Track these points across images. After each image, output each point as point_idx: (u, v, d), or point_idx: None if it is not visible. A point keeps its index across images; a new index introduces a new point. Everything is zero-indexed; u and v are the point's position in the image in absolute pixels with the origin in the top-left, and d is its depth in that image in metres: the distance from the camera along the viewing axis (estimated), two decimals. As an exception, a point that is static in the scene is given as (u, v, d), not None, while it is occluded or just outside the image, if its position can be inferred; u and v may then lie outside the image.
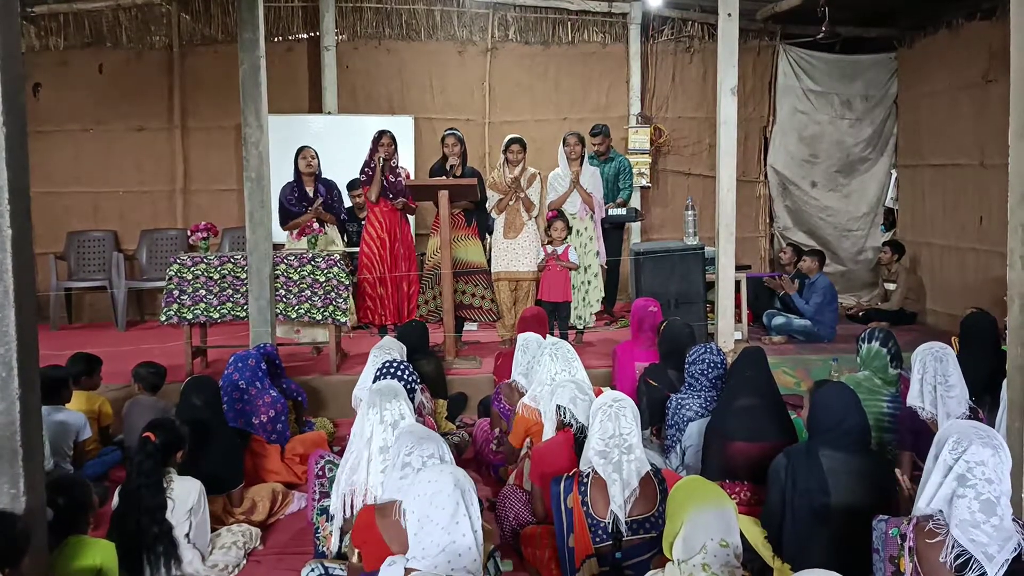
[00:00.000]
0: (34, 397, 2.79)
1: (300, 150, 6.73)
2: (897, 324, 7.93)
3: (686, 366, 4.36)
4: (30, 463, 2.75)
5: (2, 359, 2.68)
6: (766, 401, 3.91)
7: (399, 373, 4.02)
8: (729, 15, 5.91)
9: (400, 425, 3.40)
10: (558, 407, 3.67)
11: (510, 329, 7.00)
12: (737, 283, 6.41)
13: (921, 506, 2.52)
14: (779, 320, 7.31)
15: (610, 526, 3.02)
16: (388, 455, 3.32)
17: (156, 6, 8.98)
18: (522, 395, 4.63)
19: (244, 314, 6.09)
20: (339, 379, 6.15)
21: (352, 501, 3.39)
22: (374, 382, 4.03)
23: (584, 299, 7.07)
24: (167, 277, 6.22)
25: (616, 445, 3.06)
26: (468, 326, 7.41)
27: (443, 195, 6.35)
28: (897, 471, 3.72)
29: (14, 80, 2.73)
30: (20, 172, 2.74)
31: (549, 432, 3.73)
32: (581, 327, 7.13)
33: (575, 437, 3.60)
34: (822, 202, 9.43)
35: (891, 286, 8.44)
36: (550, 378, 4.08)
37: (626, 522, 3.01)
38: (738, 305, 6.61)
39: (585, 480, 3.11)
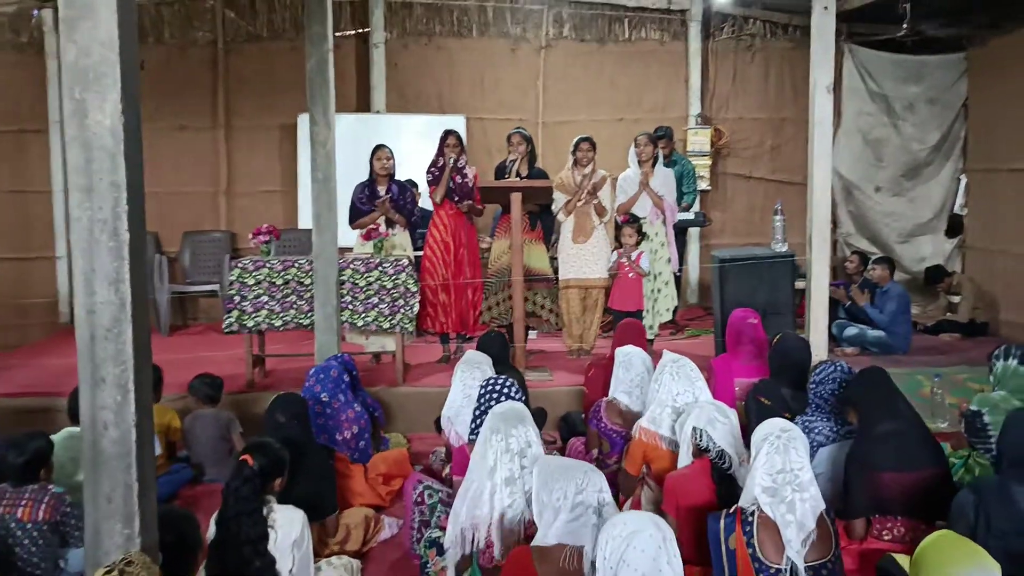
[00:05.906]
0: (149, 424, 2.47)
1: (375, 149, 6.38)
2: (971, 336, 7.62)
3: (811, 386, 4.02)
4: (145, 499, 2.43)
5: (118, 381, 2.35)
6: (909, 425, 3.57)
7: (507, 392, 3.67)
8: (825, 8, 5.55)
9: (527, 453, 3.09)
10: (694, 429, 3.33)
11: (577, 339, 6.68)
12: (801, 292, 6.07)
13: None
14: (852, 331, 6.97)
15: (786, 573, 2.68)
16: (515, 487, 3.02)
17: (200, 1, 8.68)
18: (623, 414, 4.31)
19: (308, 322, 5.76)
20: (406, 391, 5.86)
21: (474, 536, 3.08)
22: (479, 400, 3.70)
23: (654, 308, 6.74)
24: (228, 283, 5.91)
25: (788, 482, 2.72)
26: (529, 335, 7.08)
27: (516, 197, 6.02)
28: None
29: (131, 70, 2.42)
30: (136, 169, 2.42)
31: (685, 459, 3.40)
32: (650, 337, 6.79)
33: (713, 463, 3.27)
34: (886, 207, 9.08)
35: (955, 298, 8.09)
36: (671, 399, 3.75)
37: (803, 568, 2.68)
38: (800, 315, 6.25)
39: (749, 519, 2.77)
